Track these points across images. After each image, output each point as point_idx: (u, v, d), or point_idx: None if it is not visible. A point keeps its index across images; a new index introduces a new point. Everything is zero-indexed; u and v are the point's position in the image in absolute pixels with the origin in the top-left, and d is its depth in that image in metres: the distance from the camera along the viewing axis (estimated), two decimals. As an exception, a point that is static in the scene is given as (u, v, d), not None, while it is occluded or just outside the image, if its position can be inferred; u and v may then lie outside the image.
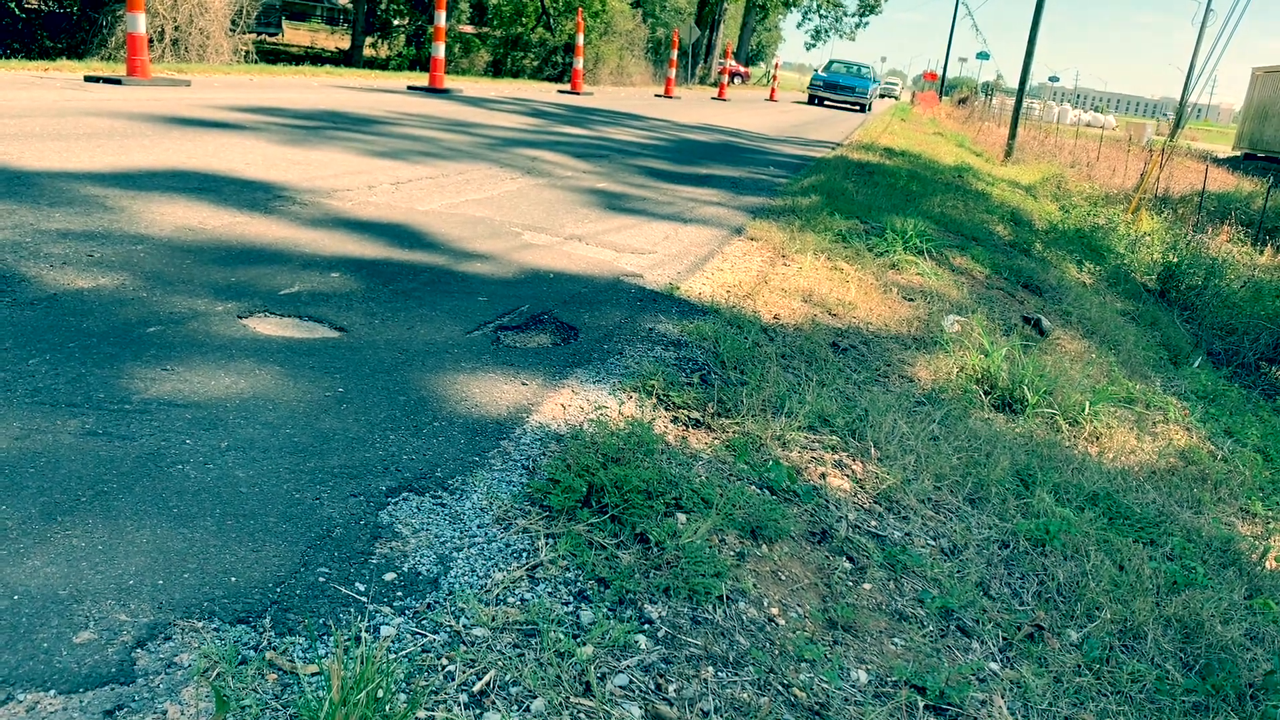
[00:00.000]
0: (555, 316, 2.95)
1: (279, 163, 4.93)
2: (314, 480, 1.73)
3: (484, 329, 2.74)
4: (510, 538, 1.65)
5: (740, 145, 10.35)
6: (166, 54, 14.46)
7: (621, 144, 8.60)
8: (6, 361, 2.05)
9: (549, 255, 3.74)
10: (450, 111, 9.44)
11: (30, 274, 2.62)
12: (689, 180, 6.66)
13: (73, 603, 1.31)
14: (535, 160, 6.51)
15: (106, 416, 1.85)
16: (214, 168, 4.54)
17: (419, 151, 6.11)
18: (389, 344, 2.50)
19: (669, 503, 1.82)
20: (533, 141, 7.70)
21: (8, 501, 1.52)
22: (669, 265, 3.89)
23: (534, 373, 2.45)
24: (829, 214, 5.51)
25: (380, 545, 1.56)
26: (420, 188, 4.82)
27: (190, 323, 2.44)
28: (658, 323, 3.04)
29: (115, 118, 5.78)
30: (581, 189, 5.55)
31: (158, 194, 3.81)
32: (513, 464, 1.93)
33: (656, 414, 2.30)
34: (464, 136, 7.35)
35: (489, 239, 3.87)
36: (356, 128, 6.89)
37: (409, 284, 3.06)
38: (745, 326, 3.06)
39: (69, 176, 3.89)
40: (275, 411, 1.99)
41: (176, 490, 1.62)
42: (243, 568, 1.44)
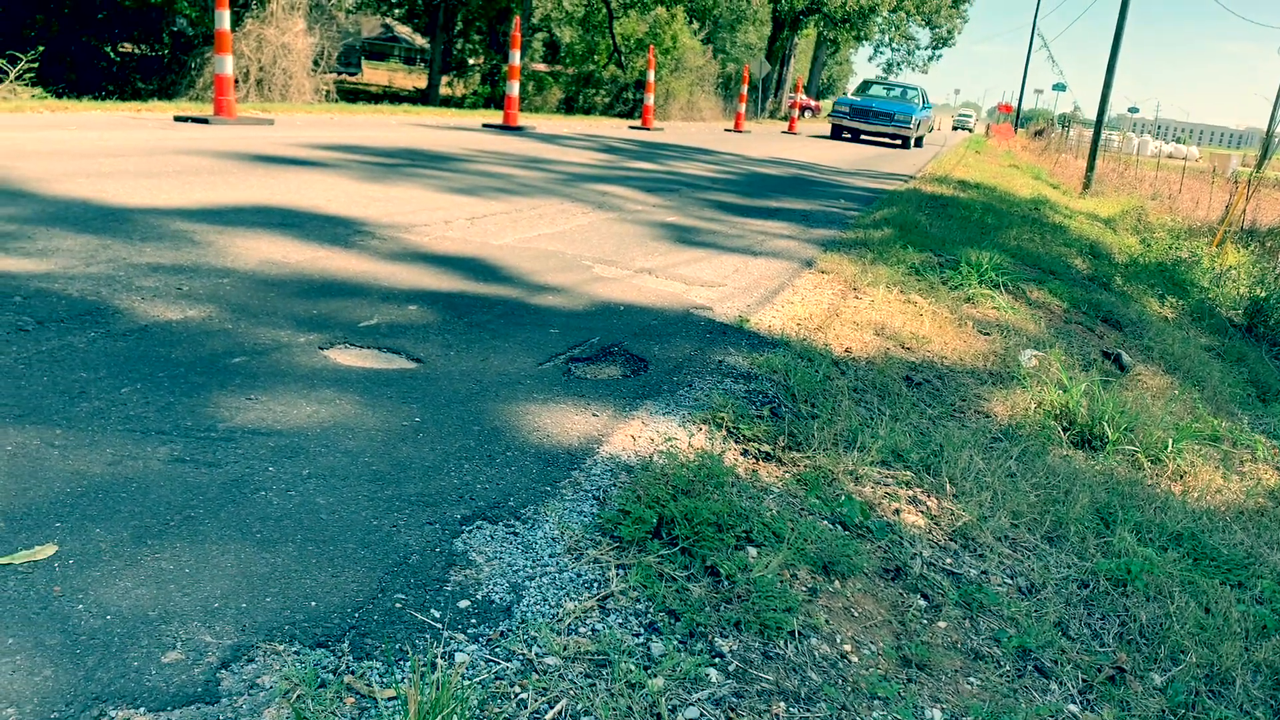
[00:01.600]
0: (625, 348, 2.97)
1: (359, 199, 5.07)
2: (391, 507, 1.77)
3: (555, 360, 2.78)
4: (581, 568, 1.67)
5: (811, 179, 10.34)
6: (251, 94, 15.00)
7: (691, 178, 8.65)
8: (101, 390, 2.13)
9: (619, 288, 3.78)
10: (524, 148, 9.62)
11: (123, 306, 2.74)
12: (759, 214, 6.67)
13: (161, 623, 1.35)
14: (606, 195, 6.59)
15: (194, 444, 1.92)
16: (297, 204, 4.69)
17: (494, 187, 6.23)
18: (464, 375, 2.55)
19: (739, 536, 1.82)
20: (604, 176, 7.79)
21: (102, 524, 1.58)
22: (739, 298, 3.89)
23: (604, 404, 2.47)
24: (902, 247, 5.47)
25: (455, 573, 1.59)
26: (494, 222, 4.91)
27: (274, 353, 2.52)
28: (727, 355, 3.05)
29: (203, 156, 6.01)
30: (651, 223, 5.60)
31: (243, 229, 3.94)
32: (584, 494, 1.95)
33: (726, 446, 2.30)
34: (537, 172, 7.48)
35: (561, 272, 3.92)
36: (433, 164, 7.06)
37: (483, 316, 3.12)
38: (816, 359, 3.05)
39: (160, 213, 4.06)
40: (355, 440, 2.04)
41: (260, 516, 1.67)
42: (322, 592, 1.47)
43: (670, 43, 26.46)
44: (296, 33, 15.34)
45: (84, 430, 1.92)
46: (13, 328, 2.46)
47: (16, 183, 4.38)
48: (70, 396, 2.08)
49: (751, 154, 13.25)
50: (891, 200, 8.45)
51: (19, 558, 1.47)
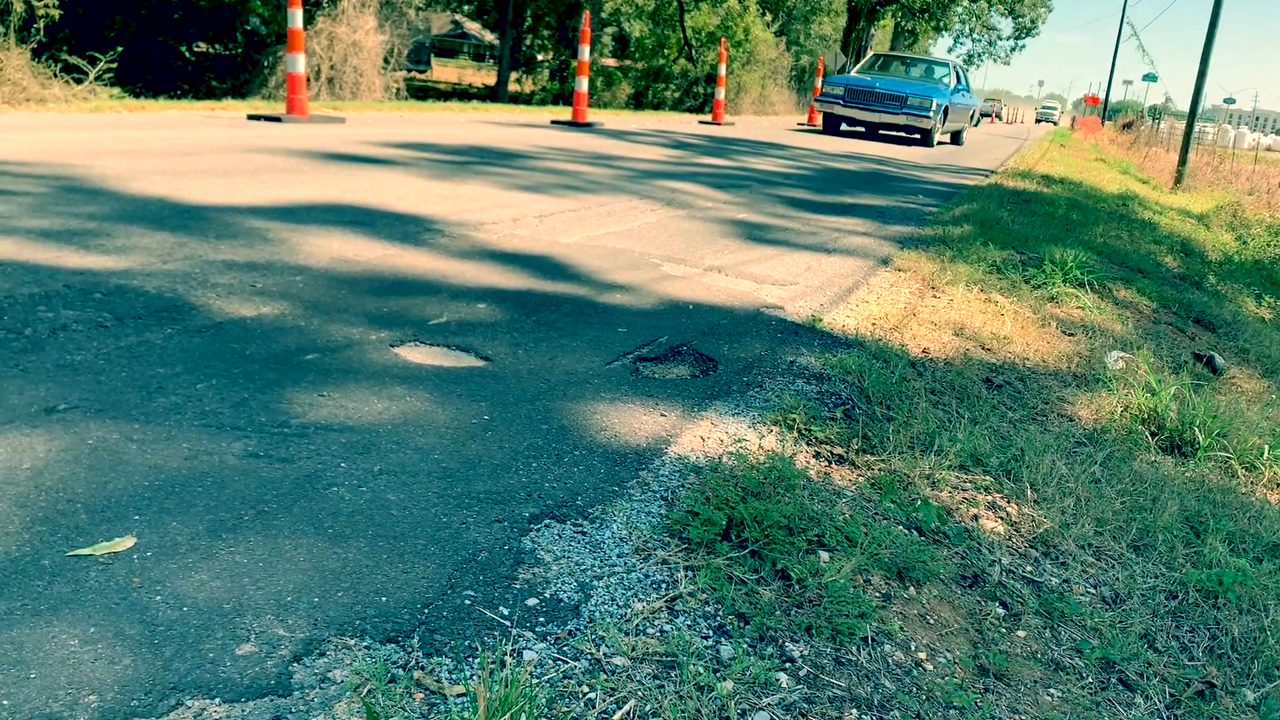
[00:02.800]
0: (694, 348, 2.98)
1: (429, 197, 5.16)
2: (460, 505, 1.80)
3: (623, 360, 2.79)
4: (649, 568, 1.68)
5: (887, 173, 10.22)
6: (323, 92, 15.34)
7: (763, 174, 8.62)
8: (178, 386, 2.21)
9: (688, 286, 3.78)
10: (592, 145, 9.67)
11: (199, 303, 2.83)
12: (833, 210, 6.62)
13: (235, 616, 1.40)
14: (675, 192, 6.60)
15: (267, 439, 1.98)
16: (368, 201, 4.79)
17: (562, 185, 6.29)
18: (532, 373, 2.58)
19: (811, 540, 1.81)
20: (673, 173, 7.80)
21: (179, 518, 1.64)
22: (811, 297, 3.87)
23: (673, 404, 2.48)
24: (982, 244, 5.38)
25: (523, 571, 1.61)
26: (563, 220, 4.96)
27: (345, 351, 2.58)
28: (799, 355, 3.03)
29: (275, 154, 6.16)
30: (721, 220, 5.60)
31: (315, 227, 4.04)
32: (652, 495, 1.96)
33: (798, 449, 2.29)
34: (605, 169, 7.52)
35: (629, 270, 3.95)
36: (502, 162, 7.15)
37: (551, 315, 3.15)
38: (892, 360, 3.02)
39: (234, 210, 4.18)
40: (425, 437, 2.08)
41: (331, 511, 1.72)
42: (393, 588, 1.51)
43: (742, 35, 26.37)
44: (367, 30, 15.65)
45: (161, 425, 1.99)
46: (93, 324, 2.56)
47: (96, 181, 4.55)
48: (148, 392, 2.16)
49: (826, 148, 13.14)
50: (972, 196, 8.31)
51: (100, 549, 1.53)
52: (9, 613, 1.35)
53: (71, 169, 4.87)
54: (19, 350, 2.33)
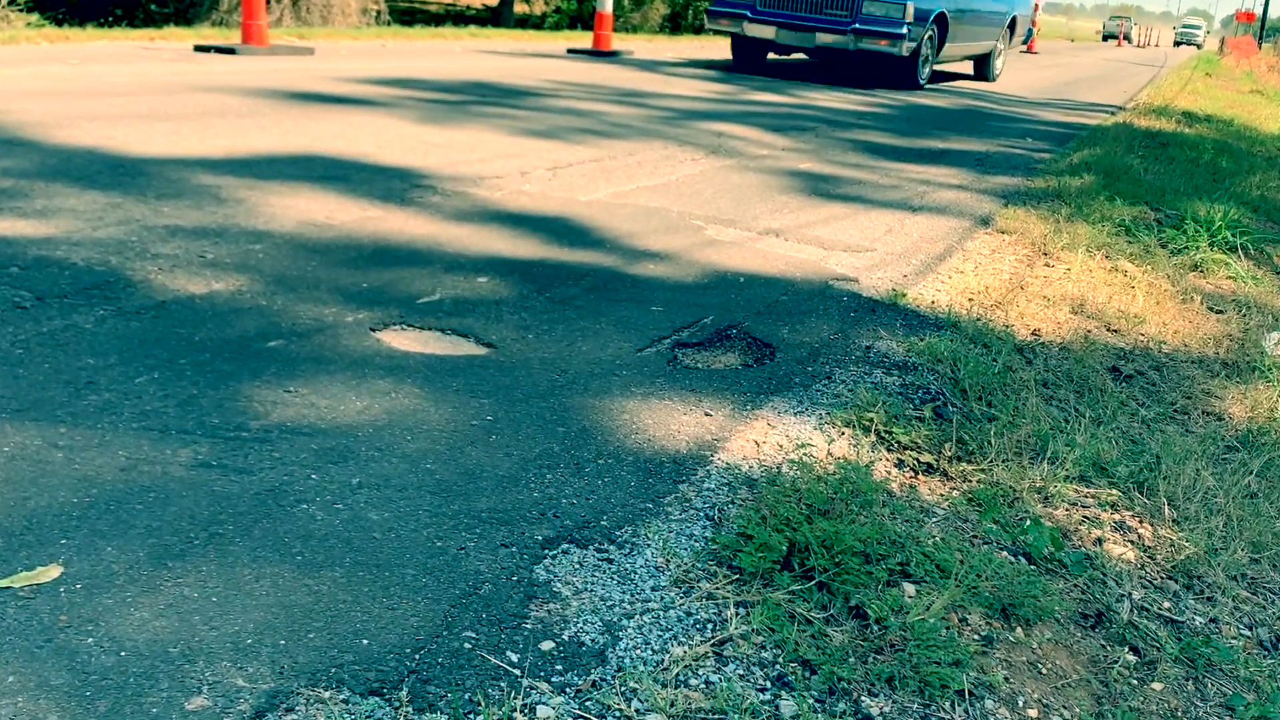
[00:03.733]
0: (746, 331, 2.98)
1: (417, 145, 5.18)
2: (458, 526, 1.81)
3: (659, 345, 2.80)
4: (692, 604, 1.68)
5: (987, 110, 10.14)
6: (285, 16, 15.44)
7: (831, 112, 8.58)
8: (112, 380, 2.24)
9: (739, 254, 3.78)
10: (618, 78, 9.67)
11: (137, 278, 2.86)
12: (919, 157, 6.58)
13: (184, 663, 1.42)
14: (722, 136, 6.58)
15: (221, 446, 2.00)
16: (342, 151, 4.82)
17: (581, 129, 6.29)
18: (545, 363, 2.59)
19: (892, 569, 1.81)
20: (719, 113, 7.79)
21: (114, 542, 1.66)
22: (892, 266, 3.85)
23: (720, 400, 2.48)
24: (1107, 199, 5.33)
25: (536, 607, 1.62)
26: (582, 173, 4.96)
27: (316, 336, 2.59)
28: (877, 339, 3.02)
29: (229, 94, 6.21)
30: (780, 170, 5.58)
31: (278, 183, 4.07)
32: (694, 513, 1.96)
33: (876, 455, 2.28)
34: (635, 109, 7.52)
35: (665, 235, 3.94)
36: (507, 101, 7.16)
37: (569, 290, 3.16)
38: (994, 345, 3.00)
39: (179, 163, 4.22)
40: (414, 442, 2.10)
41: (300, 534, 1.73)
42: (376, 628, 1.52)
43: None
44: (340, -60, 15.74)
45: (93, 429, 2.02)
46: (9, 304, 2.60)
47: (12, 129, 4.61)
48: (76, 388, 2.18)
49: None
50: (1094, 138, 8.23)
51: (19, 580, 1.55)
52: (-89, 657, 1.37)
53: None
54: (-80, 337, 2.37)
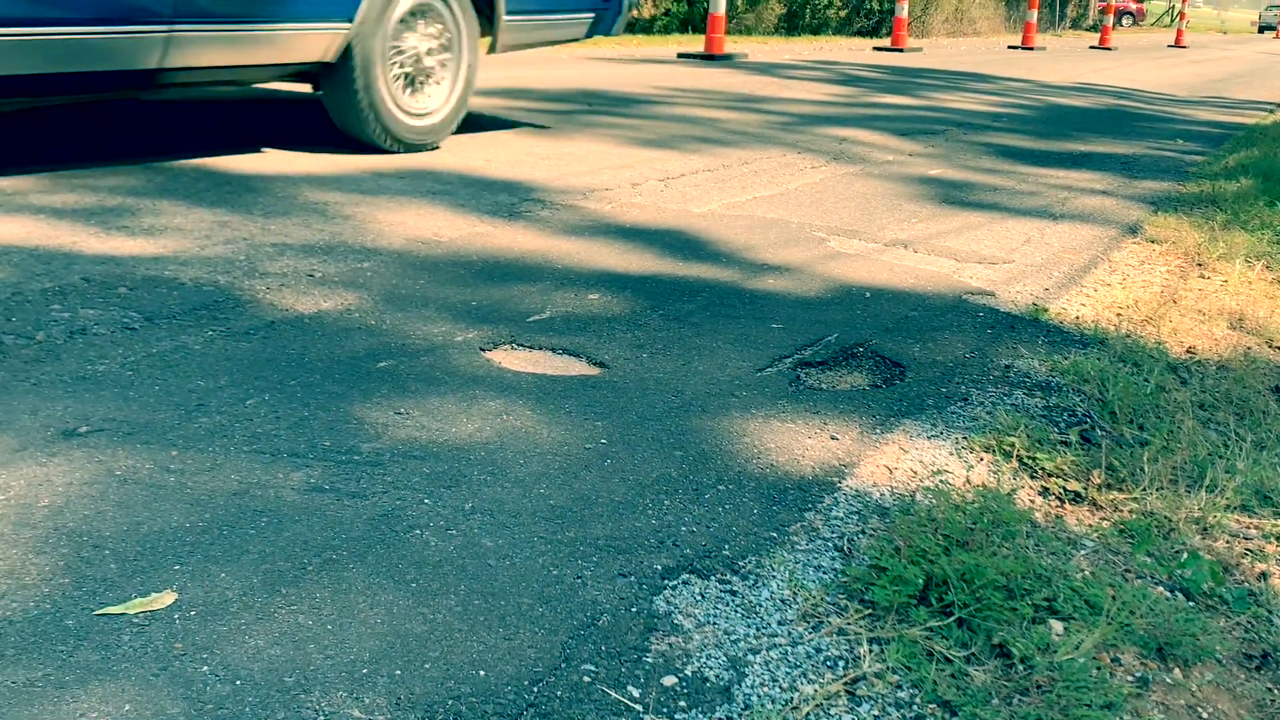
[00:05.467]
0: (874, 349, 2.96)
1: (524, 157, 5.26)
2: (574, 554, 1.83)
3: (780, 365, 2.80)
4: (821, 640, 1.68)
5: (1133, 110, 9.92)
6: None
7: (963, 114, 8.49)
8: (222, 402, 2.32)
9: (864, 267, 3.76)
10: (732, 83, 9.70)
11: (246, 297, 2.95)
12: (1059, 161, 6.47)
13: (300, 692, 1.46)
14: (844, 141, 6.56)
15: (333, 469, 2.06)
16: (447, 165, 4.92)
17: (694, 137, 6.33)
18: (660, 384, 2.61)
19: (1038, 605, 1.78)
20: (841, 117, 7.76)
21: (228, 568, 1.72)
22: (1032, 279, 3.80)
23: (847, 423, 2.47)
24: (1267, 204, 5.18)
25: (656, 640, 1.63)
26: (695, 183, 4.99)
27: (425, 356, 2.65)
28: (1017, 357, 2.98)
29: (334, 108, 6.38)
30: (908, 177, 5.54)
31: (384, 199, 4.17)
32: (822, 543, 1.96)
33: (1018, 483, 2.25)
34: (750, 114, 7.53)
35: (784, 247, 3.94)
36: (616, 109, 7.24)
37: (683, 306, 3.18)
38: (1145, 363, 2.94)
39: (284, 179, 4.35)
40: (526, 466, 2.13)
41: (414, 560, 1.77)
42: (492, 659, 1.55)
43: (931, -69, 26.00)
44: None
45: (204, 452, 2.09)
46: (118, 326, 2.70)
47: (120, 145, 4.80)
48: (187, 410, 2.27)
49: (1047, 79, 12.84)
50: (1251, 138, 8.00)
51: (134, 606, 1.62)
52: (28, 684, 1.44)
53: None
54: (30, 360, 2.48)
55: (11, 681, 1.43)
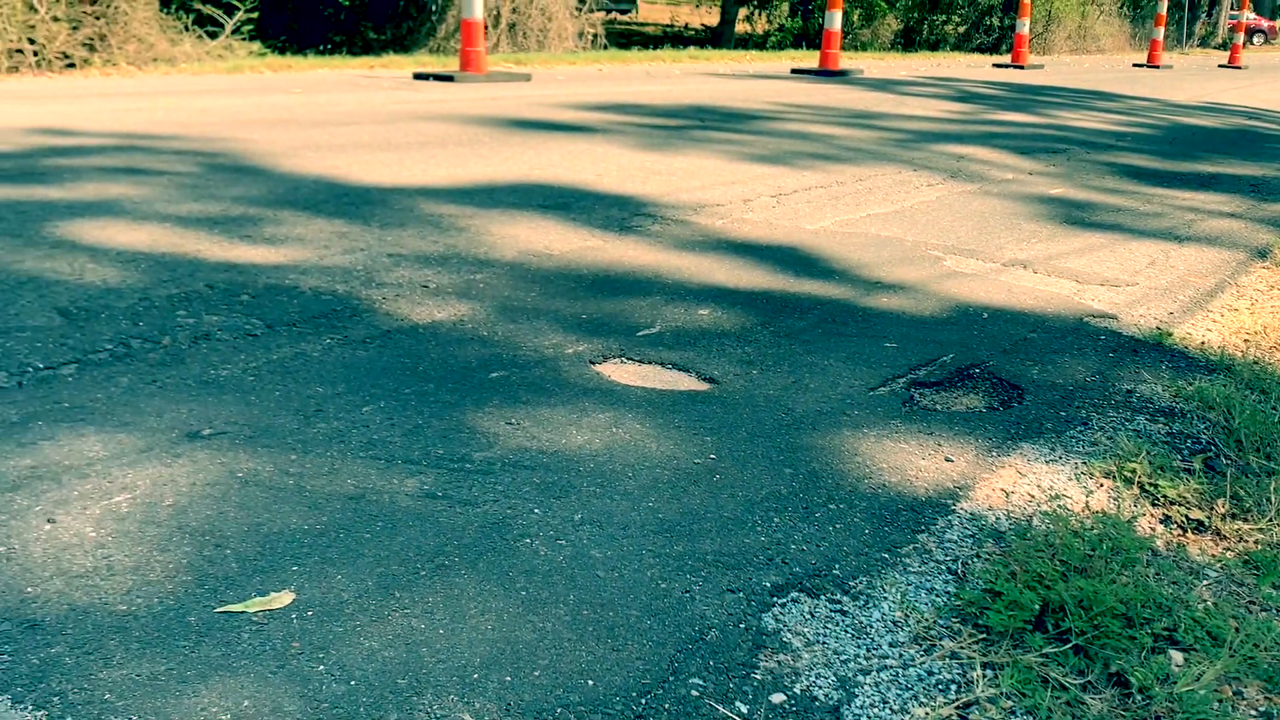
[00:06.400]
0: (991, 370, 2.93)
1: (636, 172, 5.31)
2: (682, 568, 1.85)
3: (893, 384, 2.78)
4: (933, 663, 1.67)
5: (1264, 131, 9.67)
6: (502, 42, 16.03)
7: (1085, 133, 8.35)
8: (339, 409, 2.38)
9: (981, 287, 3.72)
10: (847, 99, 9.66)
11: (363, 306, 3.03)
12: (1185, 182, 6.34)
13: (413, 694, 1.49)
14: (962, 159, 6.50)
15: (446, 477, 2.10)
16: (561, 179, 4.98)
17: (806, 153, 6.32)
18: (770, 400, 2.61)
19: (1158, 634, 1.75)
20: (958, 134, 7.68)
21: (344, 570, 1.77)
22: (1155, 302, 3.73)
23: (962, 445, 2.45)
24: (1407, 228, 5.01)
25: (764, 657, 1.64)
26: (808, 199, 4.98)
27: (536, 368, 2.69)
28: (1139, 382, 2.93)
29: (449, 122, 6.50)
30: (1027, 196, 5.46)
31: (498, 211, 4.24)
32: (935, 566, 1.94)
33: (1139, 510, 2.22)
34: (865, 131, 7.49)
35: (899, 265, 3.92)
36: (728, 125, 7.25)
37: (794, 323, 3.18)
38: (1273, 391, 2.86)
39: (401, 192, 4.44)
40: (635, 479, 2.15)
41: (524, 569, 1.80)
42: (600, 669, 1.57)
43: (1054, -54, 25.64)
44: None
45: (321, 456, 2.15)
46: (240, 332, 2.79)
47: (240, 157, 4.95)
48: (305, 416, 2.33)
49: (1173, 98, 12.57)
50: (1391, 160, 7.74)
51: (253, 605, 1.67)
52: (153, 678, 1.49)
53: (212, 144, 5.32)
54: (156, 363, 2.58)
55: (137, 675, 1.49)
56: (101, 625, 1.59)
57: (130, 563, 1.75)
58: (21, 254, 3.36)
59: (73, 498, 1.94)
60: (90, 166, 4.72)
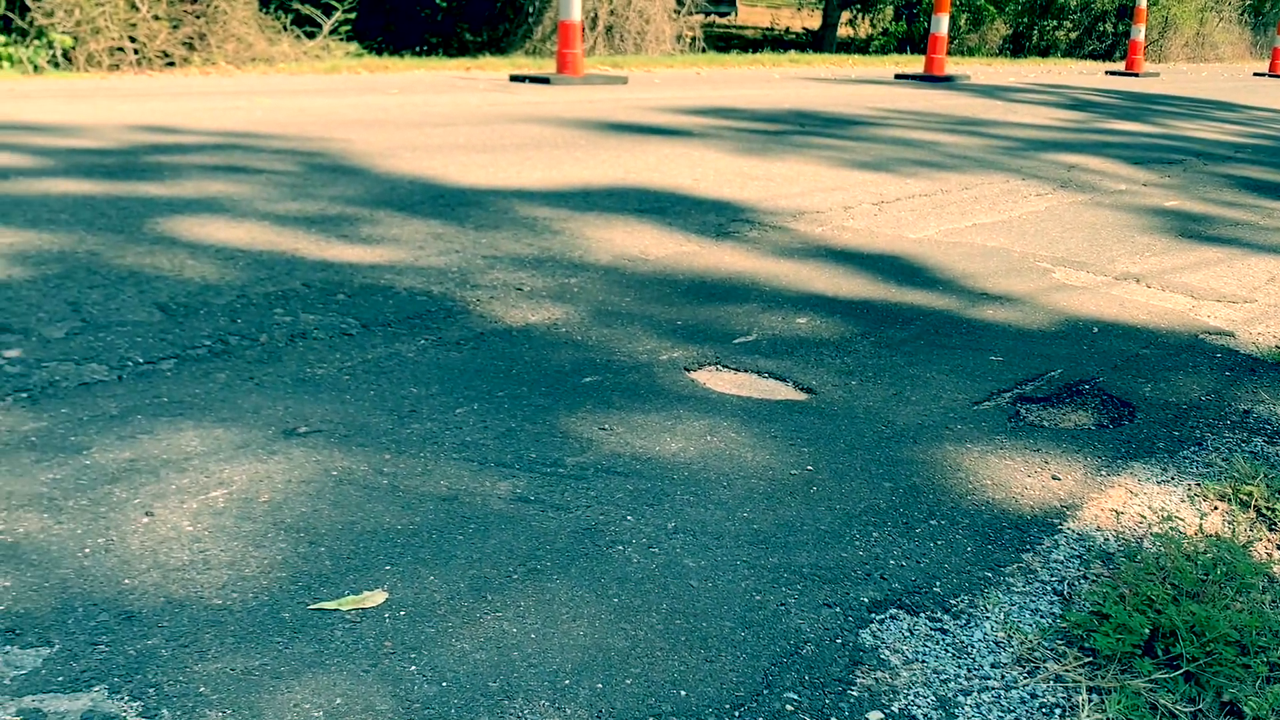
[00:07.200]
0: (1101, 387, 2.88)
1: (734, 177, 5.31)
2: (777, 581, 1.85)
3: (997, 399, 2.75)
4: (1036, 685, 1.65)
5: (1393, 143, 9.39)
6: (599, 44, 16.12)
7: (1202, 144, 8.18)
8: (433, 410, 2.41)
9: (1091, 301, 3.67)
10: (952, 105, 9.57)
11: (457, 308, 3.07)
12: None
13: (504, 698, 1.51)
14: (1072, 169, 6.40)
15: (538, 481, 2.12)
16: (657, 183, 5.00)
17: (910, 160, 6.27)
18: (870, 412, 2.60)
19: (1273, 663, 1.71)
20: (1069, 143, 7.57)
21: (436, 571, 1.79)
22: (1275, 320, 3.64)
23: (1069, 463, 2.42)
24: None
25: (861, 674, 1.63)
26: (911, 208, 4.94)
27: (630, 373, 2.71)
28: (1257, 402, 2.86)
29: (545, 124, 6.56)
30: (1140, 208, 5.37)
31: (593, 215, 4.27)
32: (1039, 586, 1.92)
33: (1255, 534, 2.17)
34: (971, 138, 7.42)
35: (1005, 277, 3.88)
36: (829, 131, 7.23)
37: (895, 334, 3.16)
38: (1401, 415, 2.79)
39: (496, 194, 4.49)
40: (729, 489, 2.15)
41: (617, 576, 1.82)
42: (693, 680, 1.57)
43: (1172, -50, 25.17)
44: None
45: (415, 457, 2.18)
46: (336, 331, 2.84)
47: (338, 158, 5.04)
48: (399, 416, 2.37)
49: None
50: None
51: (347, 603, 1.70)
52: (247, 672, 1.53)
53: (310, 143, 5.43)
54: (254, 360, 2.64)
55: (231, 669, 1.52)
56: (197, 619, 1.63)
57: (226, 557, 1.79)
58: (124, 250, 3.46)
59: (170, 491, 2.00)
60: (190, 164, 4.85)
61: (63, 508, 1.92)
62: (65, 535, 1.84)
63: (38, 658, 1.52)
